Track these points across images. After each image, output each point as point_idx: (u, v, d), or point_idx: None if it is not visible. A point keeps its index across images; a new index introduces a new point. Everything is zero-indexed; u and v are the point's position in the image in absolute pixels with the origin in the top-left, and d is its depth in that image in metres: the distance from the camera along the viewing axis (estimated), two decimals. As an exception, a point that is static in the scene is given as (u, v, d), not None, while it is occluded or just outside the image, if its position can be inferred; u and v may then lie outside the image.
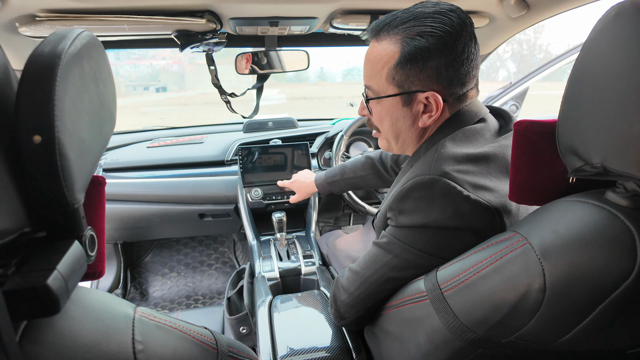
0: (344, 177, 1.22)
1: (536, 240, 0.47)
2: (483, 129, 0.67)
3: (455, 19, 0.63)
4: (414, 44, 0.63)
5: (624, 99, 0.39)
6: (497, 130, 0.70)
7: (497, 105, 0.78)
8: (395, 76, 0.67)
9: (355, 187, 1.23)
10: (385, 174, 1.16)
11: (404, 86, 0.67)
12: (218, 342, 0.49)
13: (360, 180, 1.20)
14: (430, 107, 0.67)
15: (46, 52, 0.34)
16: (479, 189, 0.60)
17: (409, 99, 0.68)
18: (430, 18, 0.63)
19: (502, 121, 0.73)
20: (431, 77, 0.65)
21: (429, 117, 0.68)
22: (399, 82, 0.67)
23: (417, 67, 0.64)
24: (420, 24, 0.64)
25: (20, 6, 0.84)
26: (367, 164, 1.19)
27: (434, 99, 0.66)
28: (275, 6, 0.97)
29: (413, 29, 0.64)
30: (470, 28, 0.65)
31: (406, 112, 0.69)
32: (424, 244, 0.63)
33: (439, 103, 0.66)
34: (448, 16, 0.63)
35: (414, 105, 0.68)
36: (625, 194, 0.43)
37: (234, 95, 1.28)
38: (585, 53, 0.45)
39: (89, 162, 0.39)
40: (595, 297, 0.42)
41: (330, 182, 1.24)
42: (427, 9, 0.65)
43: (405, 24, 0.65)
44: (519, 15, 1.04)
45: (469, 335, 0.54)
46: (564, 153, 0.49)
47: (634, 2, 0.39)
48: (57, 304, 0.30)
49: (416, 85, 0.66)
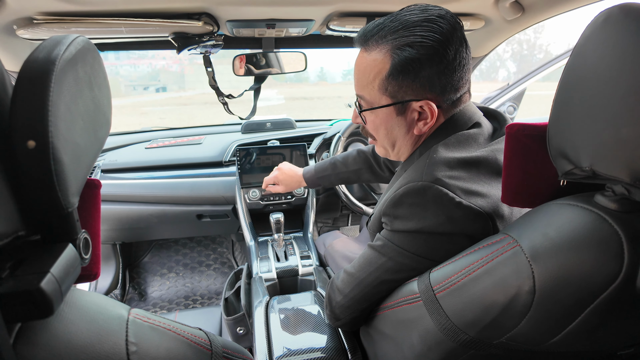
0: (335, 171, 1.18)
1: (526, 243, 0.47)
2: (477, 134, 0.67)
3: (445, 26, 0.62)
4: (405, 55, 0.62)
5: (612, 103, 0.39)
6: (490, 134, 0.70)
7: (494, 106, 0.78)
8: (387, 87, 0.66)
9: (347, 181, 1.20)
10: (377, 169, 1.14)
11: (397, 96, 0.66)
12: (212, 343, 0.49)
13: (352, 175, 1.17)
14: (425, 115, 0.66)
15: (41, 58, 0.34)
16: (471, 194, 0.60)
17: (403, 108, 0.67)
18: (419, 27, 0.62)
19: (496, 124, 0.73)
20: (424, 86, 0.64)
21: (424, 124, 0.67)
22: (391, 92, 0.66)
23: (409, 77, 0.63)
24: (410, 33, 0.62)
25: (18, 9, 0.85)
26: (359, 158, 1.16)
27: (428, 107, 0.65)
28: (271, 9, 0.98)
29: (402, 39, 0.62)
30: (460, 32, 0.64)
31: (401, 120, 0.69)
32: (418, 247, 0.63)
33: (433, 110, 0.65)
34: (437, 23, 0.62)
35: (408, 114, 0.67)
36: (614, 198, 0.44)
37: (232, 96, 1.29)
38: (574, 58, 0.45)
39: (84, 166, 0.39)
40: (583, 299, 0.43)
41: (320, 177, 1.19)
42: (415, 16, 0.63)
43: (393, 34, 0.63)
44: (514, 18, 1.04)
45: (460, 336, 0.55)
46: (555, 156, 0.49)
47: (622, 8, 0.40)
48: (51, 307, 0.30)
49: (409, 95, 0.65)
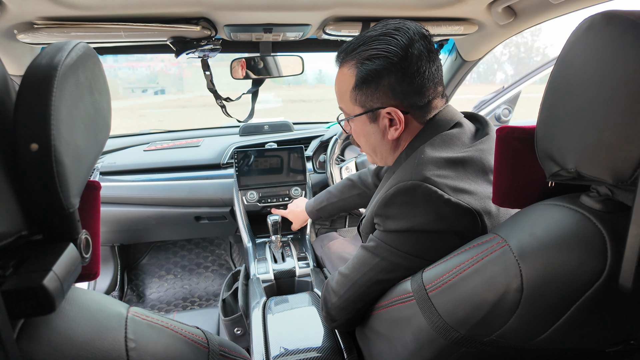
0: (330, 201, 1.26)
1: (514, 242, 0.49)
2: (460, 133, 0.70)
3: (401, 38, 0.67)
4: (365, 68, 0.69)
5: (595, 107, 0.41)
6: (473, 134, 0.73)
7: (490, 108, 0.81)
8: (356, 97, 0.73)
9: (342, 209, 1.27)
10: (367, 191, 1.19)
11: (366, 105, 0.72)
12: (209, 341, 0.50)
13: (345, 203, 1.24)
14: (395, 121, 0.71)
15: (43, 63, 0.36)
16: (459, 192, 0.62)
17: (374, 116, 0.73)
18: (377, 41, 0.68)
19: (478, 125, 0.76)
20: (387, 94, 0.70)
21: (396, 130, 0.72)
22: (361, 102, 0.73)
23: (372, 87, 0.70)
24: (369, 47, 0.69)
25: (19, 14, 0.86)
26: (347, 186, 1.23)
27: (394, 113, 0.70)
28: (268, 14, 0.99)
29: (363, 53, 0.69)
30: (422, 43, 0.68)
31: (374, 127, 0.74)
32: (410, 246, 0.65)
33: (400, 116, 0.70)
34: (393, 36, 0.67)
35: (380, 121, 0.73)
36: (598, 198, 0.45)
37: (229, 99, 1.30)
38: (560, 63, 0.47)
39: (84, 168, 0.41)
40: (569, 296, 0.44)
41: (319, 209, 1.28)
42: (375, 31, 0.70)
43: (357, 50, 0.70)
44: (506, 23, 1.06)
45: (452, 334, 0.56)
46: (542, 158, 0.51)
47: (604, 15, 0.41)
48: (53, 303, 0.31)
49: (376, 103, 0.71)
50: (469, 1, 0.98)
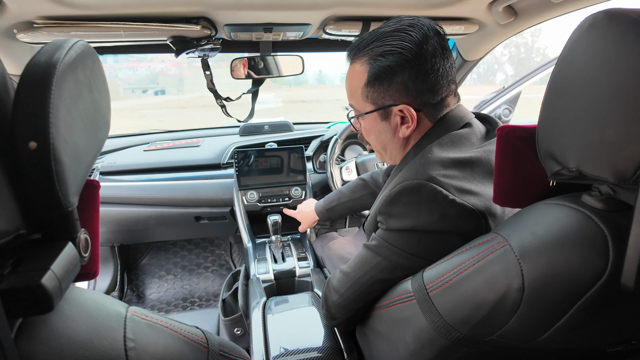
0: (341, 201, 1.25)
1: (515, 242, 0.48)
2: (469, 133, 0.69)
3: (415, 34, 0.66)
4: (378, 64, 0.68)
5: (597, 106, 0.41)
6: (483, 135, 0.71)
7: (490, 109, 0.80)
8: (368, 94, 0.71)
9: (353, 210, 1.26)
10: (378, 191, 1.18)
11: (378, 102, 0.71)
12: (209, 341, 0.50)
13: (356, 203, 1.24)
14: (407, 119, 0.70)
15: (42, 61, 0.35)
16: (464, 193, 0.61)
17: (386, 113, 0.72)
18: (390, 37, 0.67)
19: (488, 125, 0.75)
20: (400, 91, 0.68)
21: (407, 128, 0.71)
22: (372, 99, 0.71)
23: (385, 84, 0.68)
24: (382, 43, 0.67)
25: (18, 13, 0.86)
26: (359, 186, 1.23)
27: (407, 111, 0.69)
28: (268, 13, 0.99)
29: (376, 49, 0.68)
30: (436, 39, 0.67)
31: (386, 125, 0.73)
32: (412, 246, 0.64)
33: (412, 114, 0.69)
34: (407, 32, 0.66)
35: (391, 118, 0.72)
36: (600, 197, 0.45)
37: (229, 99, 1.30)
38: (561, 62, 0.47)
39: (83, 167, 0.40)
40: (571, 296, 0.44)
41: (328, 209, 1.27)
42: (389, 27, 0.69)
43: (369, 46, 0.69)
44: (507, 22, 1.06)
45: (453, 334, 0.56)
46: (543, 157, 0.50)
47: (606, 13, 0.41)
48: (51, 302, 0.31)
49: (388, 100, 0.70)
50: (469, 0, 0.97)
